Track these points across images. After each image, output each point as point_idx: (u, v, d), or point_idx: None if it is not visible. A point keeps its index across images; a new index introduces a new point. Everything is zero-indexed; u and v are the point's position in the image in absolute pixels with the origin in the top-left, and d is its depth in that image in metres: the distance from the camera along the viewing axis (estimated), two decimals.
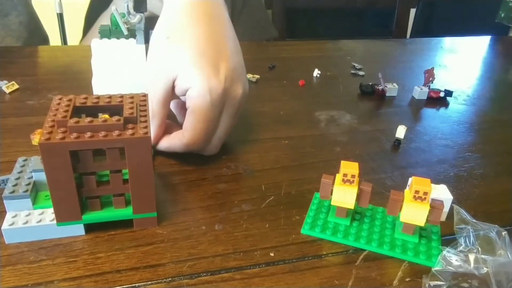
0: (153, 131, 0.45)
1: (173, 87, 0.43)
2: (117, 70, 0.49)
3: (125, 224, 0.37)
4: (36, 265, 0.33)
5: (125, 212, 0.36)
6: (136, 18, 0.48)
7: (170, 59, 0.42)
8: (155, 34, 0.44)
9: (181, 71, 0.41)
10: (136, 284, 0.32)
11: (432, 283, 0.32)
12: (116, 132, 0.33)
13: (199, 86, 0.41)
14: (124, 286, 0.32)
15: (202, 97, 0.41)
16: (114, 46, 0.50)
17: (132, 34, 0.51)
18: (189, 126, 0.43)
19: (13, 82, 0.64)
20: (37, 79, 0.67)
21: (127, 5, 0.48)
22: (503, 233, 0.35)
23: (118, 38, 0.50)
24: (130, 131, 0.33)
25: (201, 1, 0.44)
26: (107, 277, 0.32)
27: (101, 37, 0.51)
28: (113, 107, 0.36)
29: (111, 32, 0.50)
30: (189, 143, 0.44)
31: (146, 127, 0.34)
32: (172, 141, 0.45)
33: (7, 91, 0.62)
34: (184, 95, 0.43)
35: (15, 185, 0.36)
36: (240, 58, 0.45)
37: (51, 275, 0.32)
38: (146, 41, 0.50)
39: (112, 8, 0.46)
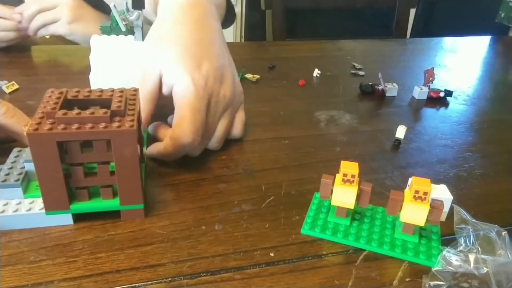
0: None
1: (160, 85, 0.45)
2: (114, 66, 0.50)
3: (114, 215, 0.37)
4: (36, 265, 0.33)
5: (113, 203, 0.37)
6: (134, 15, 0.49)
7: (157, 59, 0.45)
8: (146, 39, 0.47)
9: (166, 69, 0.44)
10: (136, 284, 0.32)
11: (432, 283, 0.32)
12: (103, 124, 0.33)
13: (182, 80, 0.43)
14: (124, 286, 0.32)
15: (186, 88, 0.43)
16: (112, 42, 0.50)
17: (130, 31, 0.51)
18: (176, 118, 0.43)
19: (13, 82, 0.64)
20: (37, 79, 0.67)
21: (126, 2, 0.48)
22: (503, 233, 0.35)
23: (117, 34, 0.51)
24: (116, 124, 0.33)
25: (189, 9, 0.47)
26: (107, 277, 0.32)
27: (102, 34, 0.52)
28: (104, 100, 0.37)
29: (112, 29, 0.50)
30: (178, 136, 0.42)
31: (132, 120, 0.34)
32: (163, 143, 0.44)
33: (7, 91, 0.62)
34: (171, 93, 0.44)
35: (7, 174, 0.37)
36: (225, 62, 0.47)
37: (51, 275, 0.32)
38: (144, 38, 0.51)
39: (111, 5, 0.47)
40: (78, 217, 0.37)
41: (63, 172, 0.34)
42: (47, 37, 0.79)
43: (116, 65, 0.50)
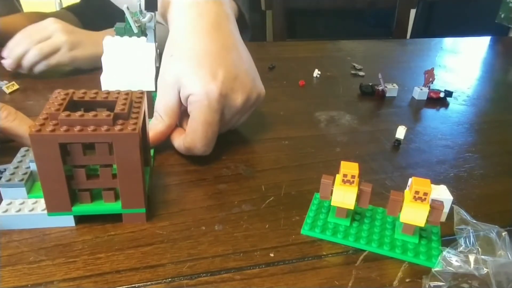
0: (154, 134, 0.47)
1: (180, 100, 0.45)
2: (126, 67, 0.50)
3: (116, 218, 0.37)
4: (36, 266, 0.33)
5: (115, 206, 0.37)
6: (147, 17, 0.49)
7: (174, 74, 0.45)
8: (164, 51, 0.47)
9: (183, 82, 0.44)
10: (136, 285, 0.32)
11: (432, 283, 0.32)
12: (105, 127, 0.33)
13: (197, 91, 0.43)
14: (124, 287, 0.32)
15: (200, 101, 0.43)
16: (125, 43, 0.51)
17: (143, 32, 0.51)
18: (189, 129, 0.45)
19: (13, 82, 0.64)
20: (37, 79, 0.67)
21: (139, 4, 0.48)
22: (503, 233, 0.35)
23: (130, 36, 0.51)
24: (118, 127, 0.33)
25: (202, 15, 0.46)
26: (107, 278, 0.32)
27: (116, 35, 0.52)
28: (110, 102, 0.37)
29: (126, 30, 0.51)
30: (190, 147, 0.45)
31: (135, 123, 0.34)
32: (178, 143, 0.47)
33: (7, 91, 0.62)
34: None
35: (13, 173, 0.37)
36: (243, 67, 0.47)
37: (51, 276, 0.32)
38: (156, 39, 0.51)
39: (124, 6, 0.47)
40: (80, 219, 0.37)
41: (66, 173, 0.34)
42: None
43: (128, 67, 0.50)
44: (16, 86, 0.64)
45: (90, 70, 0.69)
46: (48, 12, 0.92)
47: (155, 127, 0.47)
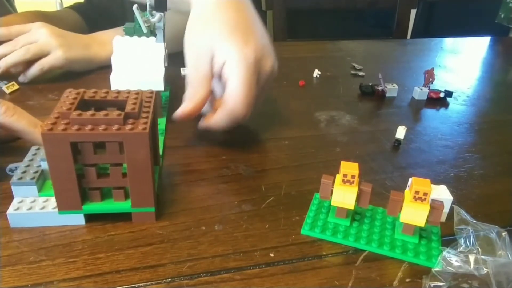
0: (195, 104, 0.47)
1: (211, 68, 0.46)
2: (135, 67, 0.50)
3: (125, 217, 0.37)
4: (36, 266, 0.33)
5: (124, 205, 0.37)
6: (156, 17, 0.49)
7: (207, 41, 0.46)
8: (189, 27, 0.48)
9: (217, 48, 0.45)
10: (136, 285, 0.32)
11: (432, 283, 0.32)
12: (116, 127, 0.33)
13: (234, 56, 0.45)
14: (124, 287, 0.32)
15: (239, 65, 0.45)
16: (134, 43, 0.51)
17: (152, 32, 0.52)
18: (230, 92, 0.45)
19: (13, 82, 0.64)
20: (37, 80, 0.67)
21: (149, 4, 0.49)
22: (503, 233, 0.35)
23: (139, 36, 0.51)
24: (129, 126, 0.33)
25: (226, 1, 0.48)
26: (107, 278, 0.32)
27: (125, 35, 0.52)
28: (120, 102, 0.37)
29: (135, 30, 0.51)
30: (231, 110, 0.45)
31: (146, 123, 0.34)
32: (215, 118, 0.47)
33: (7, 91, 0.62)
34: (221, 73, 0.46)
35: (24, 172, 0.38)
36: (266, 41, 0.49)
37: (51, 276, 0.32)
38: (165, 40, 0.52)
39: (134, 7, 0.47)
40: (90, 218, 0.37)
41: (76, 172, 0.34)
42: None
43: (138, 66, 0.51)
44: (16, 86, 0.64)
45: (92, 71, 0.70)
46: (50, 11, 0.92)
47: (194, 97, 0.47)
